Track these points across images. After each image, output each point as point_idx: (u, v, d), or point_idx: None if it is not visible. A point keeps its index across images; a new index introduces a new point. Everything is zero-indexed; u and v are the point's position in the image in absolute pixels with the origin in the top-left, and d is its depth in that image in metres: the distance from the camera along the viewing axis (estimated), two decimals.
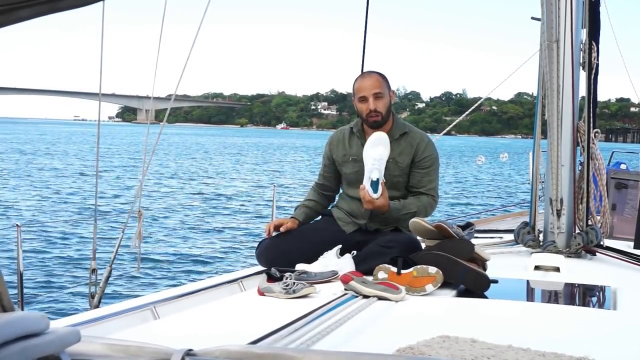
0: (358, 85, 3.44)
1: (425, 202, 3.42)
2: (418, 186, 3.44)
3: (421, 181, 3.44)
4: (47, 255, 10.20)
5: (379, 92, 3.38)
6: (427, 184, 3.44)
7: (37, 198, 18.06)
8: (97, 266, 3.22)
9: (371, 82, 3.41)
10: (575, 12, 3.83)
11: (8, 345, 1.09)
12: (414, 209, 3.37)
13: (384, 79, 3.45)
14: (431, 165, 3.46)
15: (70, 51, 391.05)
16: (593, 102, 4.03)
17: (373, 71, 3.52)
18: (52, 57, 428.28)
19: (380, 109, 3.37)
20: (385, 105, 3.40)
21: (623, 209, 6.94)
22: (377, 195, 3.22)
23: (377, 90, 3.38)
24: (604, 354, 1.87)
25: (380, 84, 3.41)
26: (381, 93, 3.39)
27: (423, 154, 3.44)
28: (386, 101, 3.41)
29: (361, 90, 3.41)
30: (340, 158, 3.54)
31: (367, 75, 3.48)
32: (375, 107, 3.37)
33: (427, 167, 3.45)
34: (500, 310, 2.62)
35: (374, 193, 3.22)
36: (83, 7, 0.97)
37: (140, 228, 3.46)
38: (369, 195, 3.23)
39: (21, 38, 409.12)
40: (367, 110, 3.38)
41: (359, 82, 3.46)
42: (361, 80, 3.46)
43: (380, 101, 3.38)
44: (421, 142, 3.46)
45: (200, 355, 1.32)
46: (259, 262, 3.38)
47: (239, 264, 9.71)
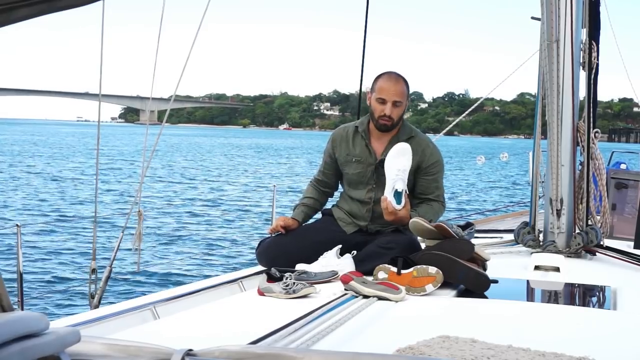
0: (382, 85, 3.37)
1: (437, 209, 3.44)
2: (426, 193, 3.44)
3: (429, 188, 3.44)
4: (47, 255, 10.20)
5: (399, 102, 3.35)
6: (435, 190, 3.46)
7: (37, 198, 18.06)
8: (97, 266, 3.22)
9: (395, 89, 3.35)
10: (575, 11, 3.83)
11: (8, 345, 1.09)
12: (430, 217, 3.32)
13: (408, 87, 3.42)
14: (438, 172, 3.47)
15: (73, 52, 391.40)
16: (593, 102, 4.03)
17: (400, 75, 3.42)
18: (54, 58, 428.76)
19: (394, 116, 3.36)
20: (399, 114, 3.38)
21: (623, 209, 6.94)
22: (400, 207, 3.19)
23: (399, 99, 3.35)
24: (604, 354, 1.87)
25: (403, 94, 3.37)
26: (401, 102, 3.36)
27: (429, 160, 3.42)
28: (402, 110, 3.39)
29: (383, 92, 3.35)
30: (343, 158, 3.51)
31: (394, 79, 3.39)
32: (390, 114, 3.34)
33: (435, 174, 3.45)
34: (500, 310, 2.62)
35: (397, 204, 3.19)
36: (82, 7, 0.97)
37: (140, 228, 3.46)
38: (391, 207, 3.19)
39: (23, 38, 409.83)
40: (382, 113, 3.35)
41: (384, 81, 3.39)
42: (387, 82, 3.38)
43: (397, 109, 3.36)
44: (427, 148, 3.44)
45: (200, 355, 1.32)
46: (259, 262, 3.38)
47: (239, 264, 9.71)
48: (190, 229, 13.40)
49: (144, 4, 31.23)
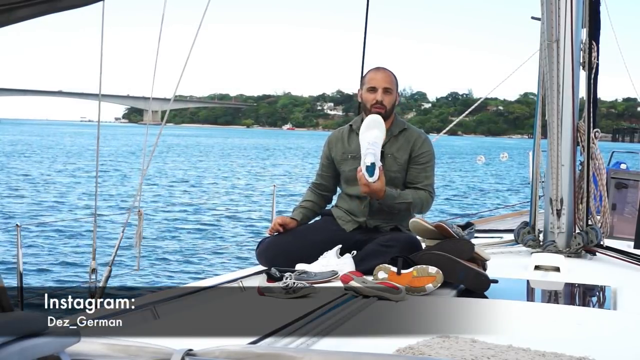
0: (370, 76, 3.50)
1: (422, 196, 3.43)
2: (415, 181, 3.46)
3: (418, 177, 3.46)
4: (47, 255, 10.20)
5: (389, 88, 3.45)
6: (424, 179, 3.46)
7: (37, 198, 18.05)
8: (97, 266, 3.22)
9: (384, 77, 3.47)
10: (576, 11, 3.83)
11: (8, 345, 1.09)
12: (409, 199, 3.37)
13: (395, 78, 3.52)
14: (428, 162, 3.48)
15: (75, 52, 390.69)
16: (593, 102, 4.03)
17: (387, 68, 3.56)
18: (57, 58, 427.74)
19: (386, 103, 3.42)
20: (391, 102, 3.45)
21: (623, 209, 6.93)
22: (373, 179, 3.21)
23: (388, 85, 3.45)
24: (604, 354, 1.87)
25: (392, 81, 3.48)
26: (391, 89, 3.45)
27: (420, 149, 3.47)
28: (393, 98, 3.46)
29: (372, 81, 3.46)
30: (339, 156, 3.55)
31: (381, 70, 3.53)
32: (382, 100, 3.41)
33: (424, 163, 3.47)
34: (500, 310, 2.62)
35: (369, 177, 3.21)
36: (82, 7, 0.97)
37: (140, 228, 3.46)
38: (364, 179, 3.22)
39: (26, 39, 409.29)
40: (374, 101, 3.42)
41: (372, 73, 3.51)
42: (375, 72, 3.51)
43: (388, 96, 3.44)
44: (418, 139, 3.49)
45: (200, 355, 1.32)
46: (258, 262, 3.38)
47: (239, 264, 9.71)
48: (191, 228, 13.40)
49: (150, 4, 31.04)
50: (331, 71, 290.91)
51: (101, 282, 3.18)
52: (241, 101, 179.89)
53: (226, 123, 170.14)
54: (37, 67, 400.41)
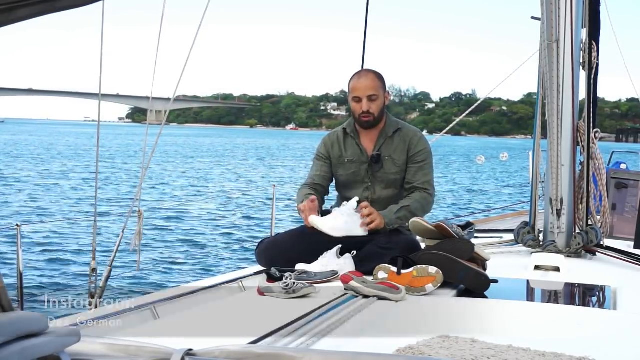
0: (353, 84, 3.43)
1: (419, 197, 3.40)
2: (412, 181, 3.44)
3: (415, 175, 3.44)
4: (47, 255, 10.20)
5: (373, 95, 3.38)
6: (422, 177, 3.44)
7: (38, 198, 18.06)
8: (97, 266, 3.22)
9: (366, 83, 3.39)
10: (575, 11, 3.83)
11: (8, 345, 1.09)
12: (406, 203, 3.35)
13: (380, 79, 3.44)
14: (425, 160, 3.46)
15: (78, 52, 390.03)
16: (593, 102, 4.03)
17: (370, 70, 3.50)
18: (59, 59, 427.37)
19: (373, 111, 3.38)
20: (378, 107, 3.40)
21: (623, 209, 6.93)
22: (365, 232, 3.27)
23: (372, 92, 3.38)
24: (604, 354, 1.87)
25: (375, 85, 3.40)
26: (375, 95, 3.38)
27: (416, 148, 3.45)
28: (380, 102, 3.41)
29: (355, 91, 3.40)
30: (336, 160, 3.53)
31: (363, 75, 3.46)
32: (369, 109, 3.37)
33: (421, 162, 3.45)
34: (500, 310, 2.62)
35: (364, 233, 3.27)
36: (82, 7, 0.97)
37: (140, 228, 3.46)
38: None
39: (28, 39, 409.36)
40: (360, 111, 3.39)
41: (354, 81, 3.44)
42: (357, 80, 3.43)
43: (374, 103, 3.38)
44: (414, 138, 3.47)
45: (200, 355, 1.32)
46: (258, 262, 3.37)
47: (239, 264, 9.71)
48: (191, 228, 13.40)
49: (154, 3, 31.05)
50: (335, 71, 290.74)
51: (101, 282, 3.18)
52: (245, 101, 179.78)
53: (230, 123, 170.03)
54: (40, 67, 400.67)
